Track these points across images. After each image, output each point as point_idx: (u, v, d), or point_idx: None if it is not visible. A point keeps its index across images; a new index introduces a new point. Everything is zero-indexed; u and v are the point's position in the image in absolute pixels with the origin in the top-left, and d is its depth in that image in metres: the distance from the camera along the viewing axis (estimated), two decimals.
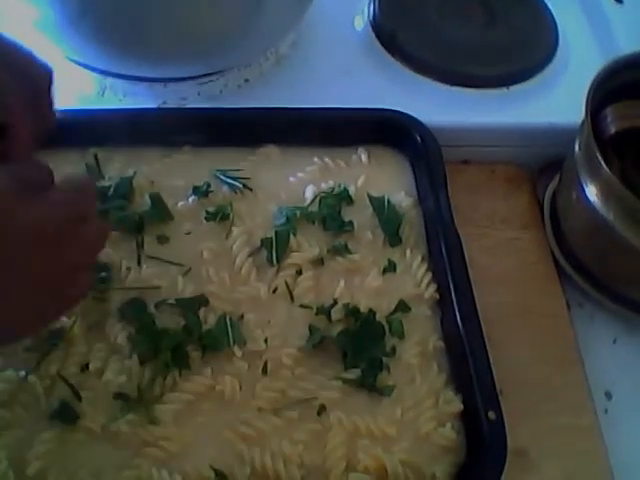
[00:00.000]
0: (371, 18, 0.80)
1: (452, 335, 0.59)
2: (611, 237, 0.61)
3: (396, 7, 0.80)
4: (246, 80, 0.74)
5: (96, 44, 0.67)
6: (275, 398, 0.55)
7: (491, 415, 0.53)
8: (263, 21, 0.70)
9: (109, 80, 0.71)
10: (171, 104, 0.71)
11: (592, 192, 0.62)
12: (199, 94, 0.72)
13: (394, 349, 0.58)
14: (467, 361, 0.56)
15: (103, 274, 0.59)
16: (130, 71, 0.71)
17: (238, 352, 0.56)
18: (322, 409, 0.55)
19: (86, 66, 0.71)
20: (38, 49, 0.69)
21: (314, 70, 0.76)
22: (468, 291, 0.59)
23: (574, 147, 0.65)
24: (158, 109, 0.71)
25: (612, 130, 0.64)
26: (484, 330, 0.58)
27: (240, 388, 0.55)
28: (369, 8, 0.81)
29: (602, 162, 0.59)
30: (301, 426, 0.54)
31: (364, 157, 0.70)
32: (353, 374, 0.56)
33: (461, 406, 0.55)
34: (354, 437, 0.54)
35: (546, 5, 0.84)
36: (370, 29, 0.79)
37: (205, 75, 0.73)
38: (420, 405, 0.55)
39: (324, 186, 0.67)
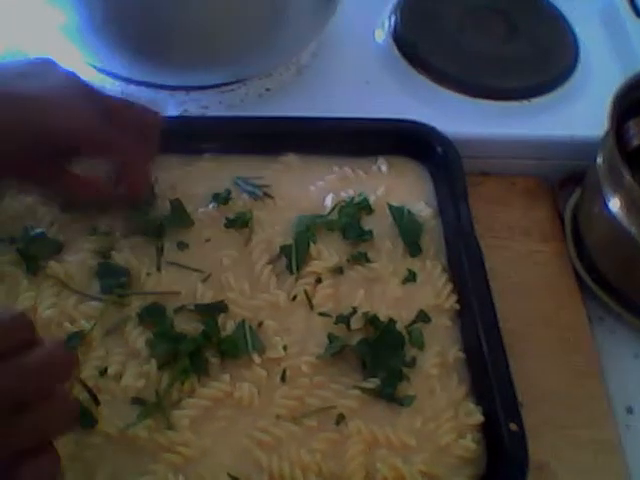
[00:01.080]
0: (392, 30, 0.80)
1: (473, 346, 0.58)
2: (634, 250, 0.61)
3: (417, 19, 0.81)
4: (267, 89, 0.75)
5: (119, 51, 0.68)
6: (293, 406, 0.54)
7: (512, 427, 0.52)
8: (285, 31, 0.70)
9: (131, 87, 0.72)
10: (192, 112, 0.72)
11: (615, 205, 0.61)
12: (220, 102, 0.73)
13: (414, 359, 0.57)
14: (488, 372, 0.56)
15: (123, 279, 0.59)
16: (152, 79, 0.71)
17: (257, 359, 0.56)
18: (341, 418, 0.54)
19: (109, 73, 0.72)
20: (61, 54, 0.70)
21: (335, 80, 0.77)
22: (489, 302, 0.59)
23: (596, 160, 0.65)
24: (180, 117, 0.71)
25: (634, 143, 0.64)
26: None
27: (258, 395, 0.55)
28: (390, 20, 0.81)
29: (626, 174, 0.59)
30: (319, 435, 0.53)
31: (384, 167, 0.70)
32: (372, 383, 0.56)
33: (482, 418, 0.55)
34: (373, 447, 0.53)
35: (566, 19, 0.84)
36: (391, 40, 0.79)
37: (227, 84, 0.73)
38: (440, 416, 0.55)
39: (344, 195, 0.67)
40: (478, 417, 0.55)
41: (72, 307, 0.57)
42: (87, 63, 0.72)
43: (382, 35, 0.81)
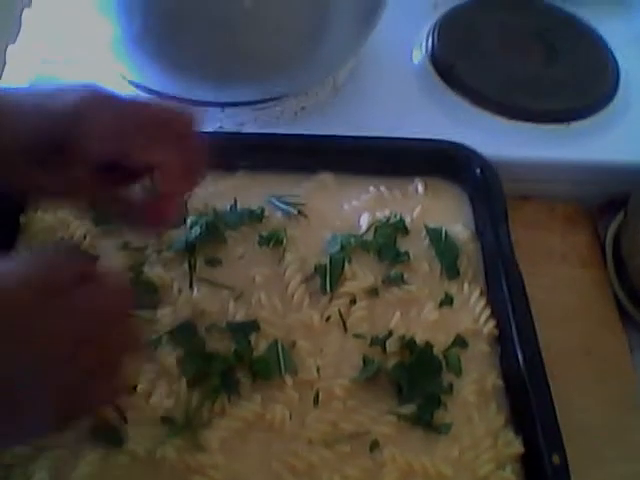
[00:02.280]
0: (430, 51, 0.79)
1: (512, 373, 0.56)
2: None
3: (455, 40, 0.80)
4: (303, 108, 0.74)
5: (156, 65, 0.67)
6: (326, 430, 0.53)
7: (555, 459, 0.50)
8: (323, 50, 0.69)
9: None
10: (227, 128, 0.71)
11: None
12: (256, 120, 0.72)
13: (451, 385, 0.55)
14: (528, 401, 0.53)
15: (154, 295, 0.58)
16: (188, 94, 0.70)
17: (289, 380, 0.54)
18: (375, 444, 0.52)
19: (144, 88, 0.71)
20: (97, 68, 0.70)
21: (371, 100, 0.76)
22: (530, 328, 0.57)
23: None
24: (214, 132, 0.70)
25: None
26: None
27: (290, 418, 0.53)
28: (428, 41, 0.80)
29: None
30: (353, 461, 0.51)
31: (421, 188, 0.68)
32: (408, 409, 0.54)
33: (522, 448, 0.53)
34: (408, 476, 0.51)
35: (606, 42, 0.83)
36: (429, 61, 0.78)
37: (262, 101, 0.72)
38: (478, 445, 0.53)
39: (379, 215, 0.66)
40: (518, 447, 0.53)
41: None
42: (123, 77, 0.72)
43: (419, 56, 0.80)
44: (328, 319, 0.58)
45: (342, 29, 0.69)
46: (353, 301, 0.60)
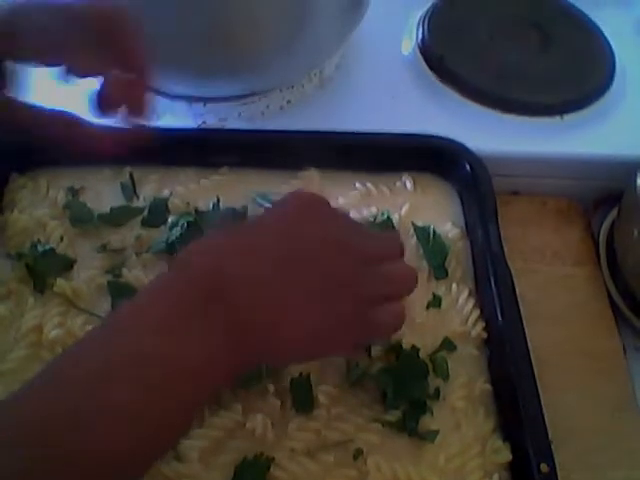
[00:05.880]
0: (419, 41, 0.77)
1: (501, 378, 0.55)
2: None
3: (446, 30, 0.78)
4: (288, 102, 0.72)
5: None
6: (309, 439, 0.51)
7: (543, 467, 0.49)
8: (308, 42, 0.67)
9: None
10: (211, 124, 0.69)
11: None
12: (240, 115, 0.70)
13: (438, 390, 0.54)
14: (517, 407, 0.52)
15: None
16: (169, 89, 0.69)
17: (271, 388, 0.53)
18: (359, 453, 0.51)
19: None
20: None
21: (359, 93, 0.74)
22: (519, 330, 0.55)
23: (635, 180, 0.62)
24: (197, 129, 0.68)
25: None
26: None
27: (272, 426, 0.51)
28: (417, 31, 0.78)
29: None
30: (336, 471, 0.50)
31: (409, 184, 0.66)
32: (393, 416, 0.52)
33: (510, 456, 0.51)
34: None
35: (601, 30, 0.81)
36: (418, 52, 0.76)
37: (246, 95, 0.70)
38: (465, 453, 0.51)
39: (366, 213, 0.64)
40: (506, 455, 0.51)
41: (79, 327, 0.55)
42: None
43: (409, 47, 0.78)
44: None
45: (328, 19, 0.68)
46: None
